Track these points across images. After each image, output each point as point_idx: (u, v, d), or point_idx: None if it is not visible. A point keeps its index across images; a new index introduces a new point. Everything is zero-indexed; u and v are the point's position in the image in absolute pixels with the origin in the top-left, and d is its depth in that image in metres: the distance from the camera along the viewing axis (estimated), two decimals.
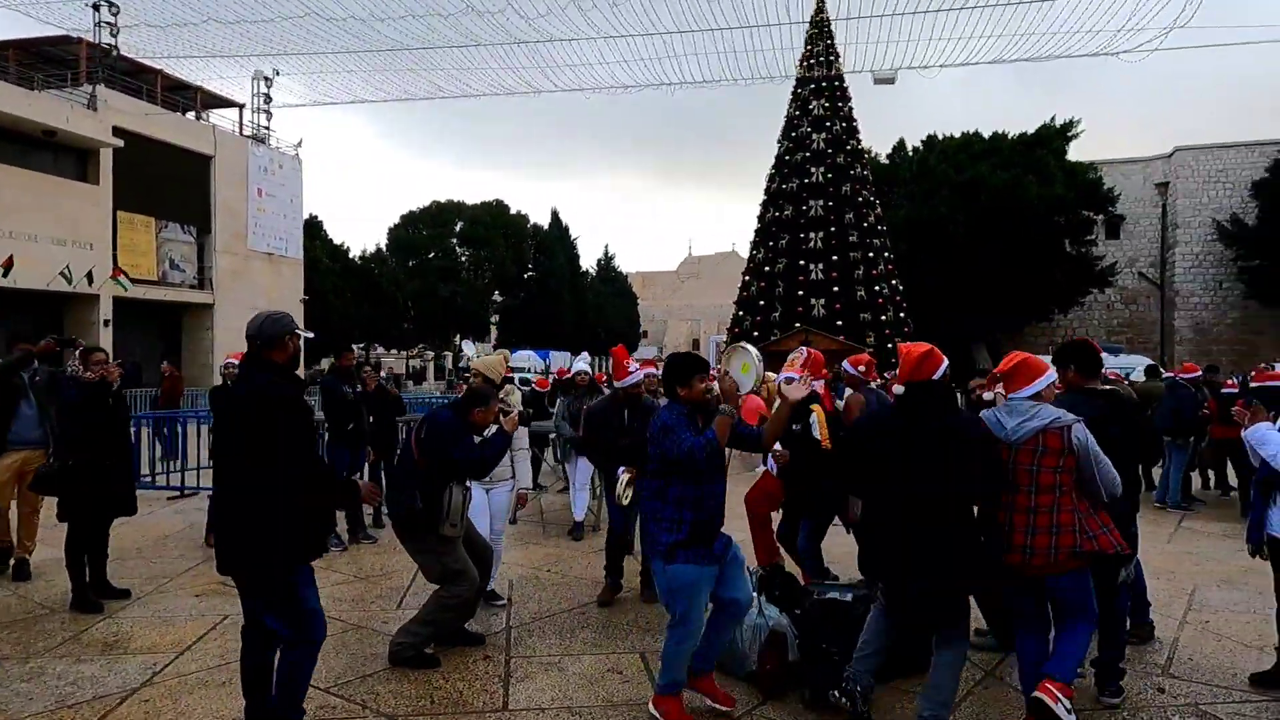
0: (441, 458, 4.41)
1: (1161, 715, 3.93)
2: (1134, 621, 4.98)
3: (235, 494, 3.35)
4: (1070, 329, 34.92)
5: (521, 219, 58.21)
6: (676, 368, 3.76)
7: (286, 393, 3.35)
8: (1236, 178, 31.82)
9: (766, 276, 26.74)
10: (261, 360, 3.43)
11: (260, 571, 3.37)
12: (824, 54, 27.74)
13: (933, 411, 3.51)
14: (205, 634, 4.99)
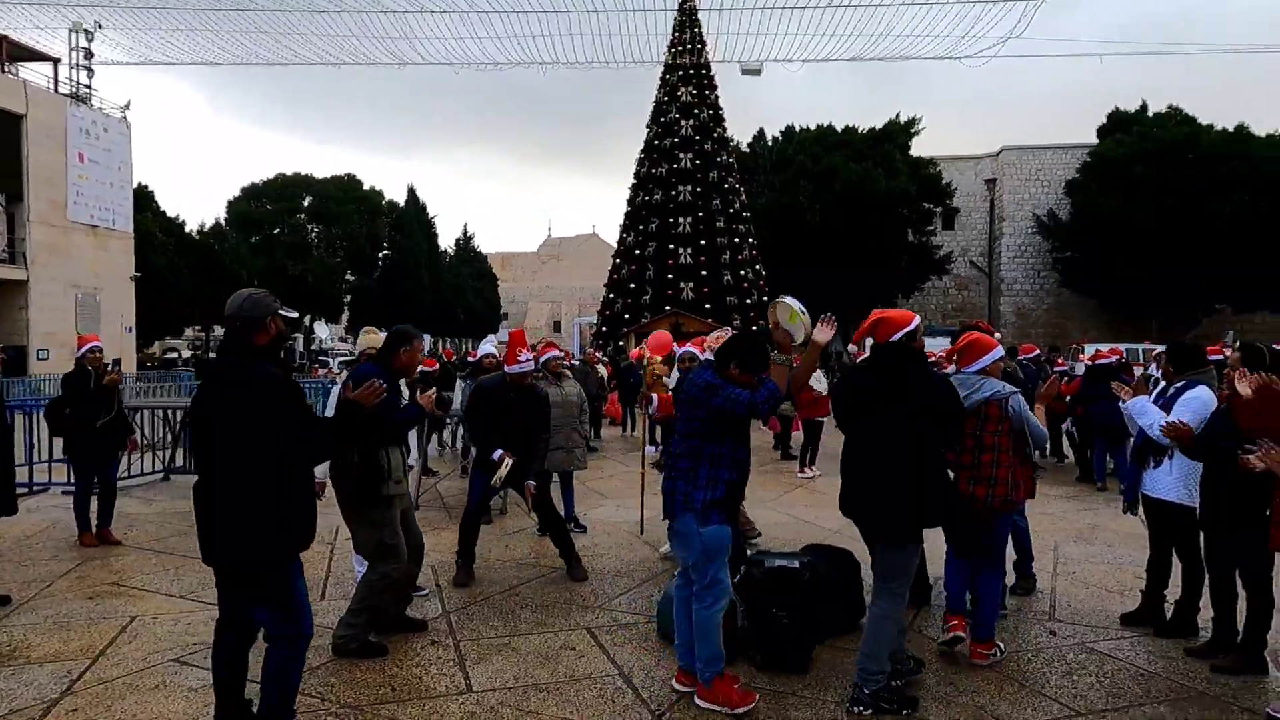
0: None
1: (1058, 654, 4.47)
2: (1020, 574, 5.60)
3: (237, 483, 3.12)
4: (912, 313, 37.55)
5: (376, 195, 55.85)
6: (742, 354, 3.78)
7: (285, 378, 3.21)
8: (1053, 177, 35.24)
9: (637, 260, 27.14)
10: (243, 344, 3.22)
11: (267, 562, 3.19)
12: (691, 41, 28.30)
13: (898, 368, 3.83)
14: (116, 638, 4.64)
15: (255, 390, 3.12)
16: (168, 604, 5.26)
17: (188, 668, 4.22)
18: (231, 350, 3.26)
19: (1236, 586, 4.37)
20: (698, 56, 27.91)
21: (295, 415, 3.17)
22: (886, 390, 3.76)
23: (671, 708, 3.78)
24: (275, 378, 3.16)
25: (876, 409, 3.76)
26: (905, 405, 3.70)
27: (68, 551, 6.59)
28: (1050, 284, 35.20)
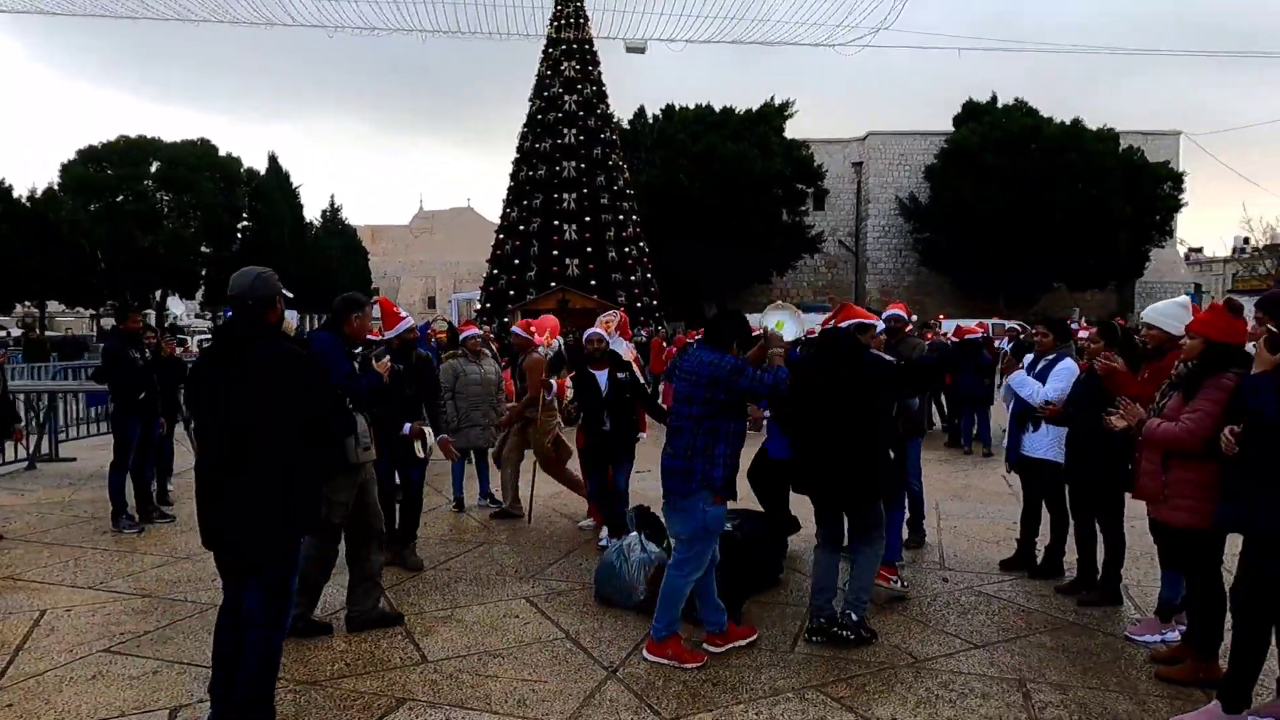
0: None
1: (953, 598, 5.02)
2: (913, 530, 6.19)
3: (253, 468, 3.08)
4: (785, 290, 39.11)
5: (234, 162, 52.41)
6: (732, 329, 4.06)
7: (314, 358, 3.20)
8: (914, 162, 37.40)
9: (521, 235, 26.89)
10: (262, 324, 3.20)
11: (279, 545, 3.17)
12: (574, 15, 28.14)
13: (842, 353, 4.22)
14: (30, 632, 4.42)
15: (292, 370, 3.11)
16: (78, 595, 5.03)
17: (123, 657, 4.10)
18: (251, 331, 3.20)
19: (1096, 532, 5.04)
20: (580, 31, 27.80)
21: (328, 393, 3.20)
22: (831, 369, 4.13)
23: (623, 663, 4.03)
24: (305, 357, 3.16)
25: (829, 388, 4.10)
26: (852, 383, 4.11)
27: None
28: (911, 263, 37.48)
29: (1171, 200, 34.12)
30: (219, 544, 3.21)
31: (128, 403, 6.74)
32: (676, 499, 4.00)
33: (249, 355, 3.14)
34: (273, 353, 3.17)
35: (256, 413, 3.09)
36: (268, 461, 3.07)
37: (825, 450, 4.17)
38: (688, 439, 3.96)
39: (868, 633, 4.27)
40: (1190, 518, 3.72)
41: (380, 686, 3.77)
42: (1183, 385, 3.82)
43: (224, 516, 3.14)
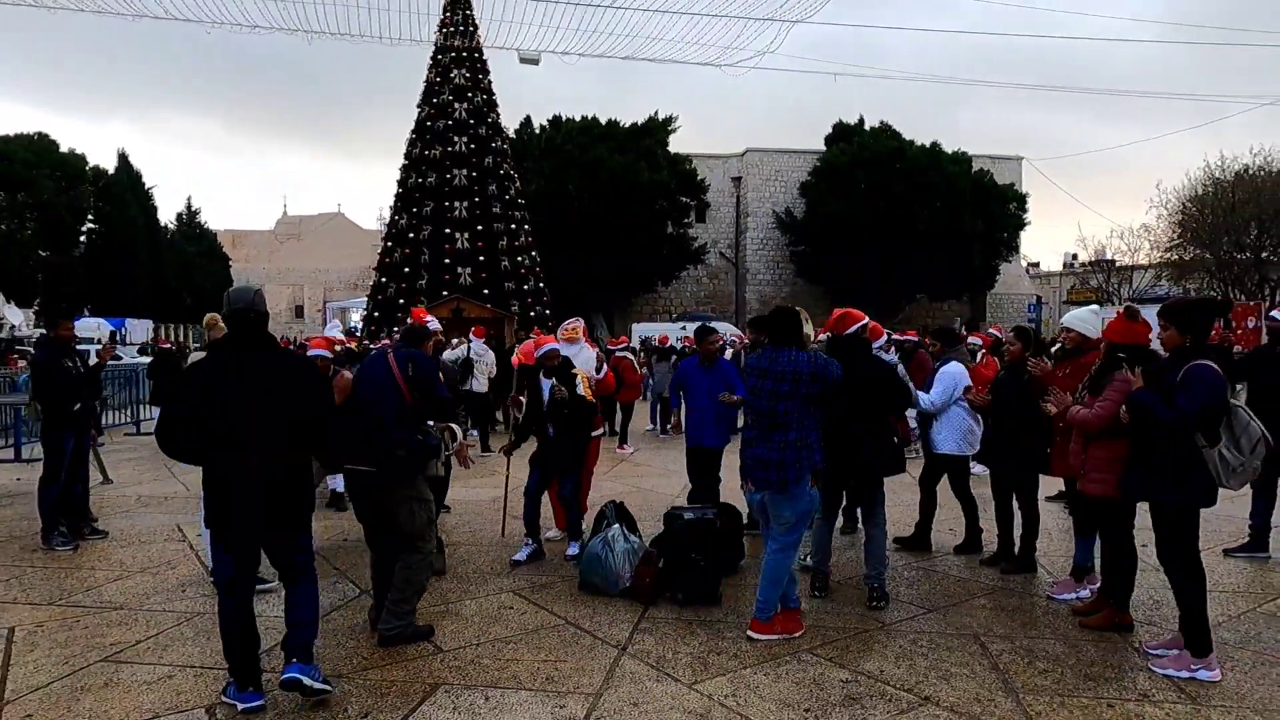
0: (432, 395, 4.32)
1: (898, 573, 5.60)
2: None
3: (290, 460, 3.52)
4: (670, 300, 40.12)
5: (77, 159, 48.58)
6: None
7: (314, 367, 3.44)
8: (789, 178, 39.28)
9: (411, 243, 26.47)
10: (266, 335, 3.54)
11: (307, 520, 3.70)
12: (462, 24, 28.03)
13: (857, 353, 4.84)
14: (7, 647, 4.27)
15: (308, 375, 3.32)
16: (41, 612, 4.84)
17: (127, 665, 4.06)
18: (258, 341, 3.52)
19: (1013, 511, 5.79)
20: (470, 40, 27.70)
21: (329, 397, 3.41)
22: (851, 372, 4.63)
23: (630, 641, 4.36)
24: (313, 363, 3.37)
25: (848, 384, 4.56)
26: (866, 384, 4.77)
27: None
28: (788, 274, 39.27)
29: (1017, 219, 37.42)
30: (251, 534, 3.53)
31: (61, 415, 6.42)
32: (790, 486, 4.34)
33: (263, 362, 3.50)
34: (292, 360, 3.63)
35: (278, 410, 3.47)
36: (290, 452, 3.51)
37: (846, 436, 4.76)
38: (794, 433, 4.34)
39: (888, 600, 4.99)
40: (1103, 488, 4.44)
41: (408, 675, 3.94)
42: (1093, 381, 4.56)
43: (266, 499, 3.47)
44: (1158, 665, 3.95)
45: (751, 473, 4.49)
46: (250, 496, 3.42)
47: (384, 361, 4.35)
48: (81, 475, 6.75)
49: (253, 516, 3.45)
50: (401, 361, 4.29)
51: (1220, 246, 32.24)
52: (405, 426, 4.20)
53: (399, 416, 4.20)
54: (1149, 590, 5.03)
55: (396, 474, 4.20)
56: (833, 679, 3.90)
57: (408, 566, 4.28)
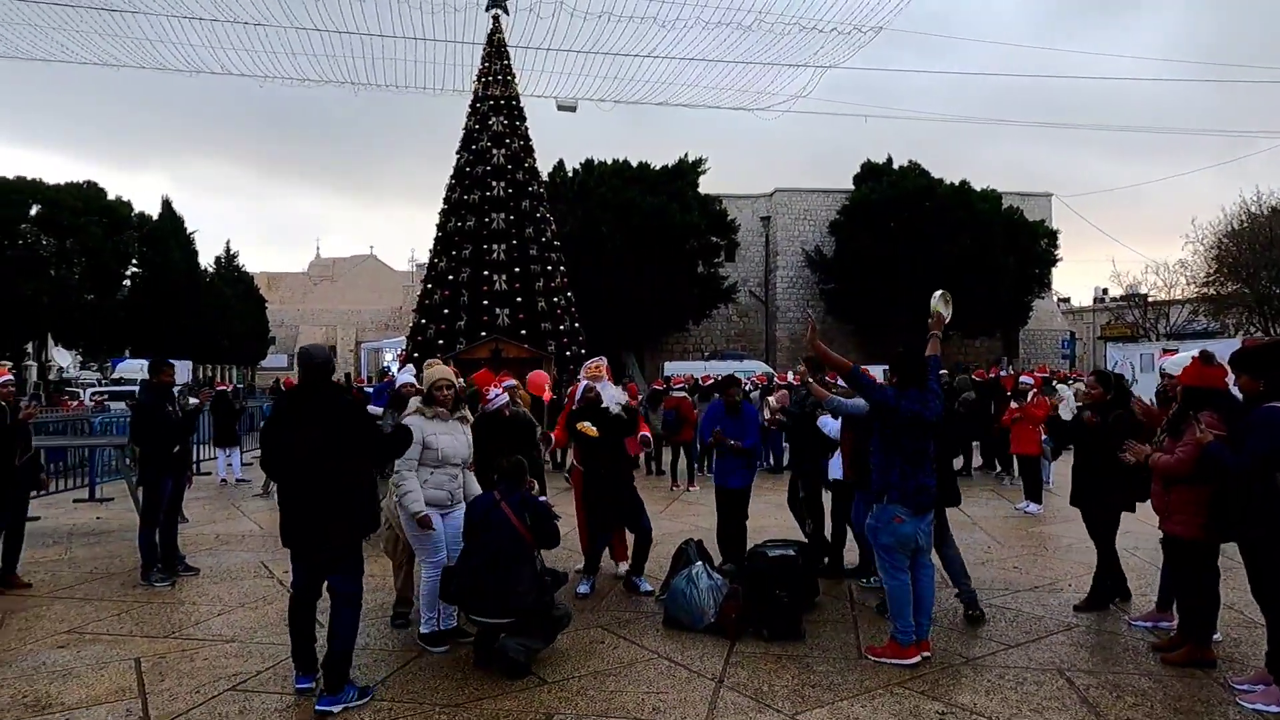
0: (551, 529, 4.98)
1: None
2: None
3: (340, 485, 4.13)
4: (700, 338, 40.40)
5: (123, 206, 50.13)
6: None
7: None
8: (818, 217, 39.65)
9: (450, 285, 27.05)
10: (332, 382, 4.37)
11: (356, 544, 4.27)
12: (501, 73, 28.91)
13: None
14: (140, 678, 4.54)
15: (359, 414, 4.25)
16: (159, 645, 5.12)
17: (254, 694, 4.31)
18: (327, 387, 4.29)
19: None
20: (508, 88, 28.55)
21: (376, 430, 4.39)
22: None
23: (725, 675, 4.54)
24: (360, 404, 4.05)
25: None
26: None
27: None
28: (818, 312, 39.38)
29: (1048, 255, 37.42)
30: (314, 544, 4.16)
31: (161, 458, 6.77)
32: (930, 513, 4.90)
33: (333, 405, 4.20)
34: (353, 401, 4.50)
35: (339, 447, 4.14)
36: (349, 481, 4.17)
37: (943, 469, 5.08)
38: (929, 464, 4.87)
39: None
40: (1187, 529, 4.59)
41: (520, 705, 4.15)
42: (1172, 426, 4.73)
43: (314, 527, 4.12)
44: (1247, 700, 4.07)
45: (921, 500, 4.80)
46: (305, 516, 4.15)
47: (499, 511, 4.73)
48: (177, 515, 7.08)
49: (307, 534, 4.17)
50: (518, 511, 4.71)
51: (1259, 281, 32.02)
52: (529, 566, 4.68)
53: (521, 558, 4.66)
54: (1225, 628, 5.12)
55: (526, 613, 4.63)
56: (928, 711, 4.06)
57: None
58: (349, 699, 4.10)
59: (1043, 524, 9.04)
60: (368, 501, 4.30)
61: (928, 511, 4.89)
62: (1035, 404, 9.99)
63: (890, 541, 4.76)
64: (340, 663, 4.14)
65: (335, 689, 4.09)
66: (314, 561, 4.23)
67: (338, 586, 4.22)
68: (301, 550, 4.23)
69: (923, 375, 4.95)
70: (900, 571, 4.74)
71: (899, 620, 4.71)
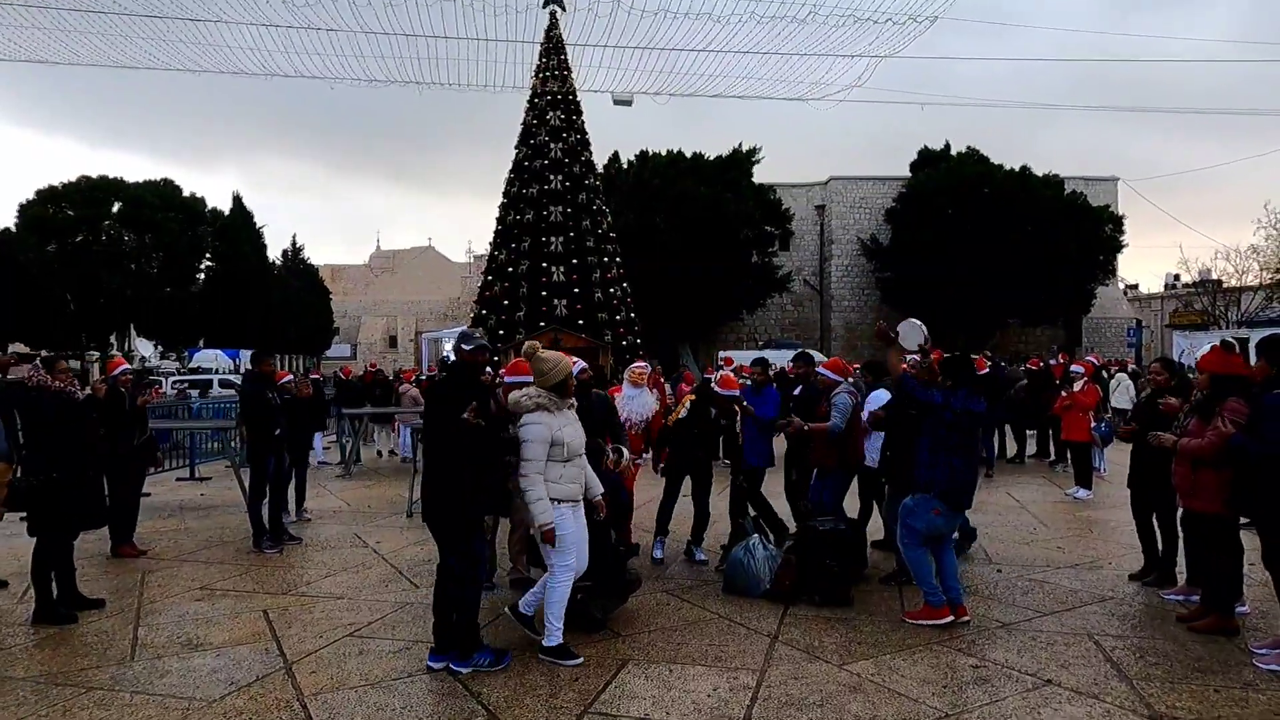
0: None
1: (1010, 583, 6.16)
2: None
3: (436, 465, 4.53)
4: (754, 327, 40.63)
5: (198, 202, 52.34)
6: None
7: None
8: (874, 205, 39.47)
9: (510, 277, 27.88)
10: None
11: (454, 521, 4.55)
12: (558, 69, 29.56)
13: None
14: (270, 624, 5.26)
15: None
16: (281, 600, 5.87)
17: (372, 639, 4.99)
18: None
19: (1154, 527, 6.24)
20: (564, 83, 29.19)
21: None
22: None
23: (779, 633, 5.06)
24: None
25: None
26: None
27: (109, 563, 6.89)
28: (873, 301, 39.33)
29: (1113, 241, 36.65)
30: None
31: (264, 439, 7.54)
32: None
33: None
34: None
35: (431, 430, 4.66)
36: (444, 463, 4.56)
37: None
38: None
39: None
40: (1210, 505, 4.94)
41: (599, 653, 4.73)
42: (1199, 410, 5.07)
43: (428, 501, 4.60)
44: (1262, 662, 4.42)
45: (962, 500, 5.29)
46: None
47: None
48: (284, 490, 7.87)
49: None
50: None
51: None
52: (605, 535, 5.17)
53: (599, 528, 5.07)
54: (1253, 602, 5.44)
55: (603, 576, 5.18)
56: (963, 664, 4.52)
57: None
58: (479, 664, 4.42)
59: (1090, 509, 9.30)
60: (472, 481, 4.46)
61: (964, 509, 5.34)
62: (1085, 392, 10.20)
63: (921, 527, 5.20)
64: (458, 631, 4.48)
65: (463, 656, 4.44)
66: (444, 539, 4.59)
67: (450, 563, 4.53)
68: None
69: (971, 376, 5.35)
70: (918, 546, 5.19)
71: (925, 585, 5.17)
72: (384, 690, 4.24)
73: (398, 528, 8.48)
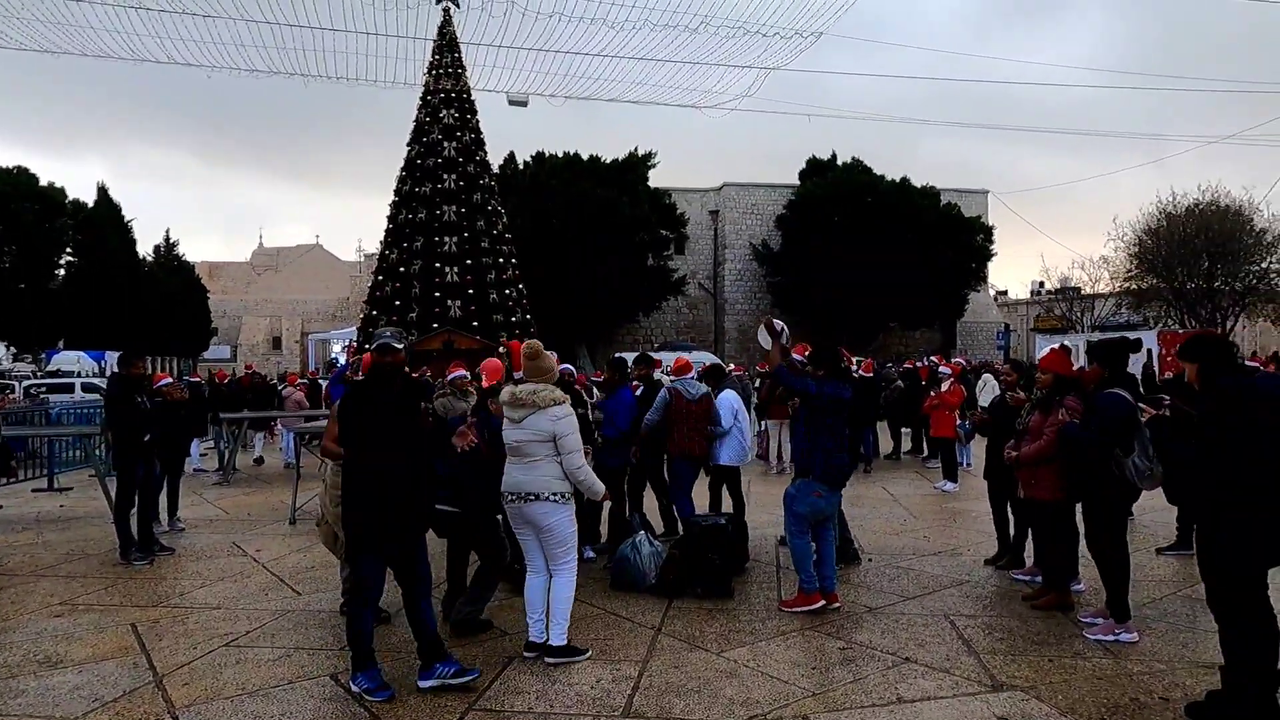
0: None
1: (879, 571, 6.56)
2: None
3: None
4: (650, 330, 41.13)
5: (57, 192, 48.85)
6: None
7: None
8: (765, 211, 40.69)
9: (401, 277, 27.26)
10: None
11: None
12: (451, 66, 29.13)
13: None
14: (138, 638, 5.05)
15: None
16: (150, 612, 5.62)
17: (248, 649, 4.86)
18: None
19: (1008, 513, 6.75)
20: (458, 81, 28.78)
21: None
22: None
23: (662, 626, 5.23)
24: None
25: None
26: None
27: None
28: (765, 305, 40.48)
29: (984, 250, 39.08)
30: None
31: (131, 446, 7.18)
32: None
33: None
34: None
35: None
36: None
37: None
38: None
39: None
40: (1048, 493, 5.43)
41: (486, 651, 4.77)
42: (1040, 405, 5.56)
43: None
44: (1090, 633, 4.91)
45: (839, 478, 5.60)
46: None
47: None
48: (154, 498, 7.51)
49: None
50: (484, 423, 5.10)
51: (1175, 276, 33.99)
52: (486, 479, 4.89)
53: (480, 471, 4.94)
54: (1087, 581, 5.99)
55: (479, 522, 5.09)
56: (832, 647, 4.82)
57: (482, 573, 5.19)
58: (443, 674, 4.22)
59: (955, 500, 9.96)
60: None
61: (841, 487, 5.66)
62: (951, 392, 10.91)
63: (805, 511, 5.49)
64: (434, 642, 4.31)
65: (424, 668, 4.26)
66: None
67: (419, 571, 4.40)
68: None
69: (838, 365, 5.68)
70: (803, 534, 5.49)
71: (802, 573, 5.47)
72: (262, 698, 4.17)
73: (280, 535, 8.24)
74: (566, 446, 4.57)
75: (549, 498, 4.59)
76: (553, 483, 4.60)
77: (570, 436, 4.59)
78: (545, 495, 4.58)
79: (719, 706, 4.02)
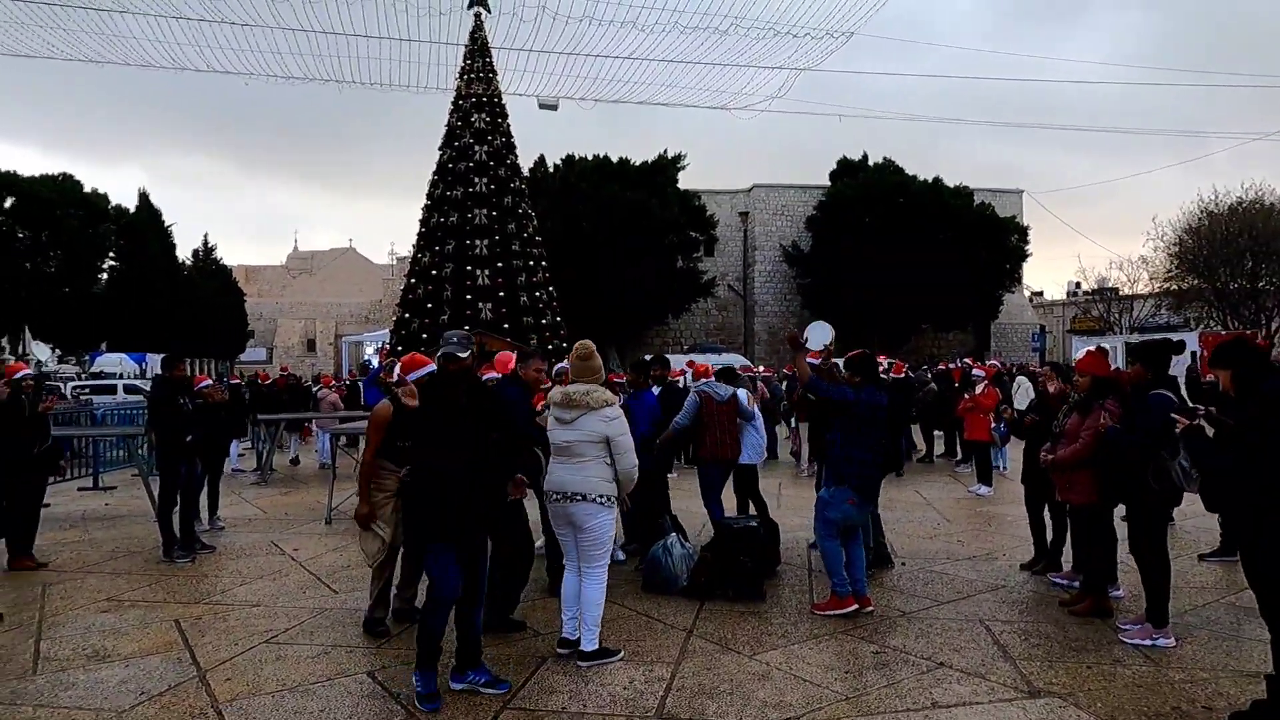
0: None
1: (913, 575, 6.51)
2: None
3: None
4: (680, 332, 41.14)
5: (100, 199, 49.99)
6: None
7: None
8: (795, 213, 40.52)
9: (434, 280, 27.56)
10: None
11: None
12: (483, 71, 29.39)
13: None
14: (183, 634, 5.18)
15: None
16: (194, 609, 5.75)
17: (288, 646, 4.96)
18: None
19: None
20: (490, 86, 29.03)
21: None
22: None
23: (694, 628, 5.24)
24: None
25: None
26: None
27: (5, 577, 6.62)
28: (795, 305, 40.35)
29: (1019, 250, 38.57)
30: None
31: (174, 446, 7.35)
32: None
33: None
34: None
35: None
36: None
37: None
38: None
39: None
40: (1084, 497, 5.35)
41: (519, 651, 4.82)
42: (1078, 407, 5.49)
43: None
44: (1127, 638, 4.83)
45: (873, 493, 5.68)
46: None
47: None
48: (196, 498, 7.68)
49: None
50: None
51: (1217, 277, 33.25)
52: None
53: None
54: (1126, 587, 5.89)
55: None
56: (865, 651, 4.79)
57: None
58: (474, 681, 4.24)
59: (990, 504, 9.84)
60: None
61: (874, 500, 5.75)
62: (985, 394, 10.78)
63: (837, 517, 5.47)
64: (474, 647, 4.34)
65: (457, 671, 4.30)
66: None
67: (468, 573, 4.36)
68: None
69: (874, 372, 5.67)
70: (833, 537, 5.47)
71: (834, 577, 5.45)
72: (302, 694, 4.25)
73: (316, 534, 8.37)
74: (620, 448, 4.55)
75: (596, 499, 4.55)
76: (600, 484, 4.56)
77: (624, 437, 4.57)
78: (592, 496, 4.54)
79: (752, 709, 4.02)
